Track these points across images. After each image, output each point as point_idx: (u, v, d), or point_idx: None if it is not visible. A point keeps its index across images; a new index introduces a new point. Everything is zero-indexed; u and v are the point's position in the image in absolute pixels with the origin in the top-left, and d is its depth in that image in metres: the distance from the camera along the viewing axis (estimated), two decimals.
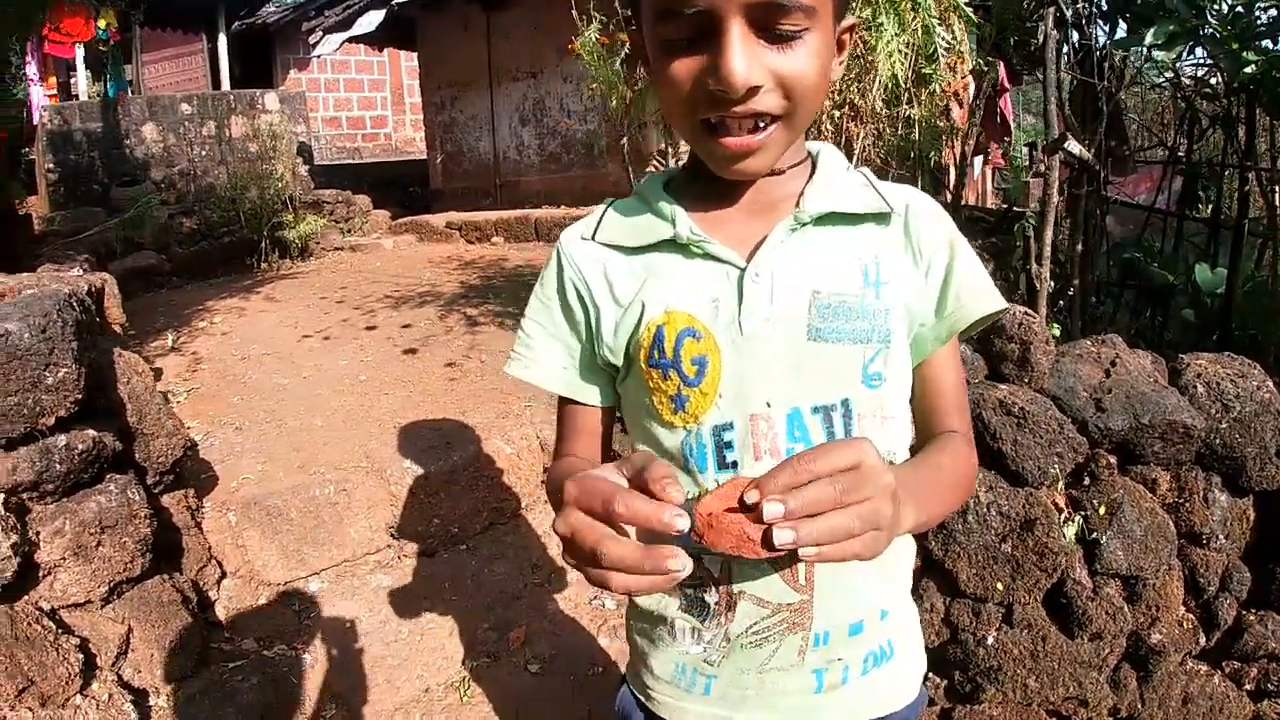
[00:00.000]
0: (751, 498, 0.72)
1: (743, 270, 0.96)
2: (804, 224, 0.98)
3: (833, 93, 2.83)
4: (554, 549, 2.95)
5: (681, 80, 0.87)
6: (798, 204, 0.98)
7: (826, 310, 0.95)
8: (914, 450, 1.06)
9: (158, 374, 3.87)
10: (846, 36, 0.97)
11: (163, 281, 6.84)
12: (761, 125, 0.89)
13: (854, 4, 2.75)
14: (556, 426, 1.13)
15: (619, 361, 1.03)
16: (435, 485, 2.94)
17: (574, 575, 2.86)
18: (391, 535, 2.87)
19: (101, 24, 10.57)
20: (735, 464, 0.96)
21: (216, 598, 2.59)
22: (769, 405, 0.95)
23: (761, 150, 0.91)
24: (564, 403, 1.11)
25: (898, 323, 0.98)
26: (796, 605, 0.98)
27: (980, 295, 1.03)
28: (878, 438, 0.93)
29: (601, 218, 1.06)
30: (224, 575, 2.66)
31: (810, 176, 1.01)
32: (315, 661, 2.47)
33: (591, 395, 1.08)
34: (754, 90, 0.85)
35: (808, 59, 0.87)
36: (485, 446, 3.11)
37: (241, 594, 2.64)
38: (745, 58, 0.83)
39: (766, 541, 0.70)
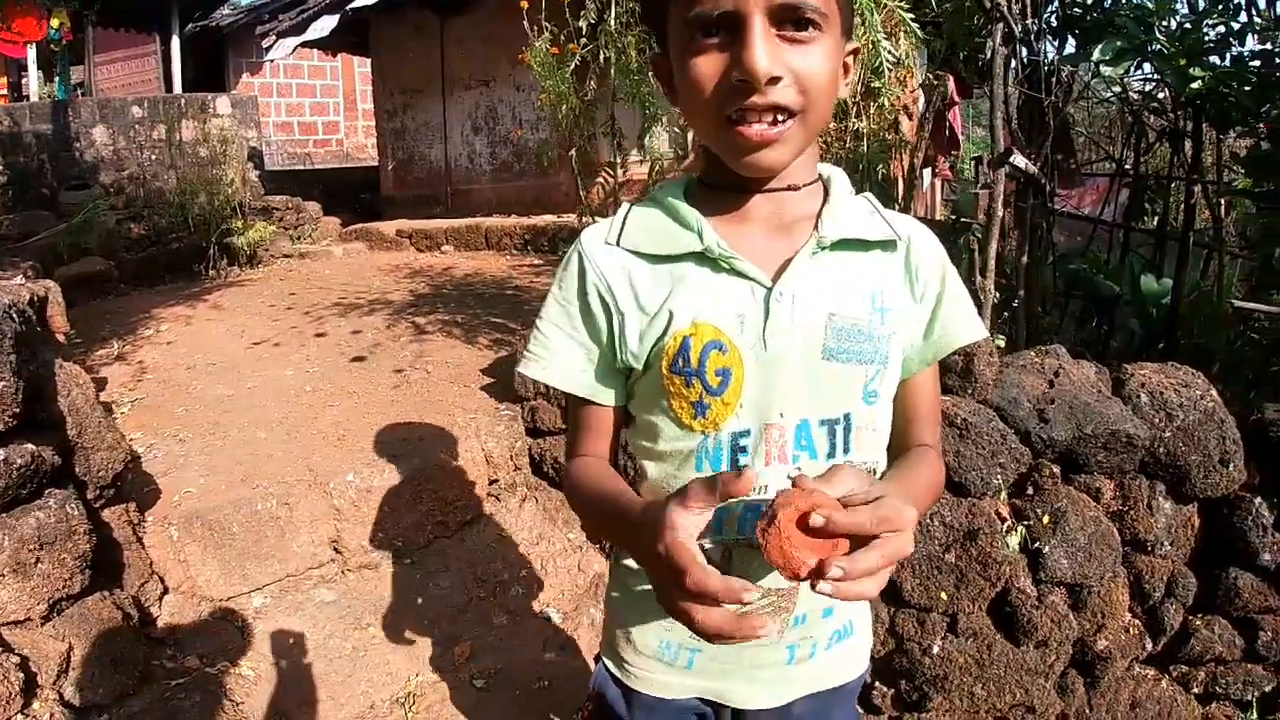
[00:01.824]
0: (817, 522, 0.79)
1: (769, 289, 1.03)
2: (824, 248, 1.05)
3: None
4: (499, 564, 2.93)
5: (707, 76, 0.95)
6: (816, 226, 1.05)
7: (840, 332, 1.03)
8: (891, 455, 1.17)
9: (102, 384, 3.80)
10: (850, 60, 1.06)
11: (110, 288, 6.71)
12: (780, 120, 0.95)
13: (857, 30, 2.79)
14: (569, 424, 1.18)
15: (640, 366, 1.08)
16: (379, 499, 2.90)
17: (519, 589, 2.85)
18: (335, 549, 2.83)
19: (54, 23, 10.35)
20: (745, 467, 1.04)
21: (159, 614, 2.55)
22: (782, 416, 1.04)
23: (780, 143, 0.97)
24: (579, 402, 1.14)
25: (895, 346, 1.08)
26: (786, 590, 1.05)
27: (964, 324, 1.14)
28: (868, 447, 1.09)
29: (624, 223, 1.11)
30: (166, 591, 2.61)
31: (825, 199, 1.08)
32: (259, 678, 2.43)
33: (608, 396, 1.13)
34: (774, 81, 0.92)
35: (821, 60, 0.95)
36: (430, 459, 3.08)
37: (184, 610, 2.59)
38: (767, 50, 0.91)
39: (808, 576, 0.79)
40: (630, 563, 1.16)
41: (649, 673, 1.17)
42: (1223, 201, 4.15)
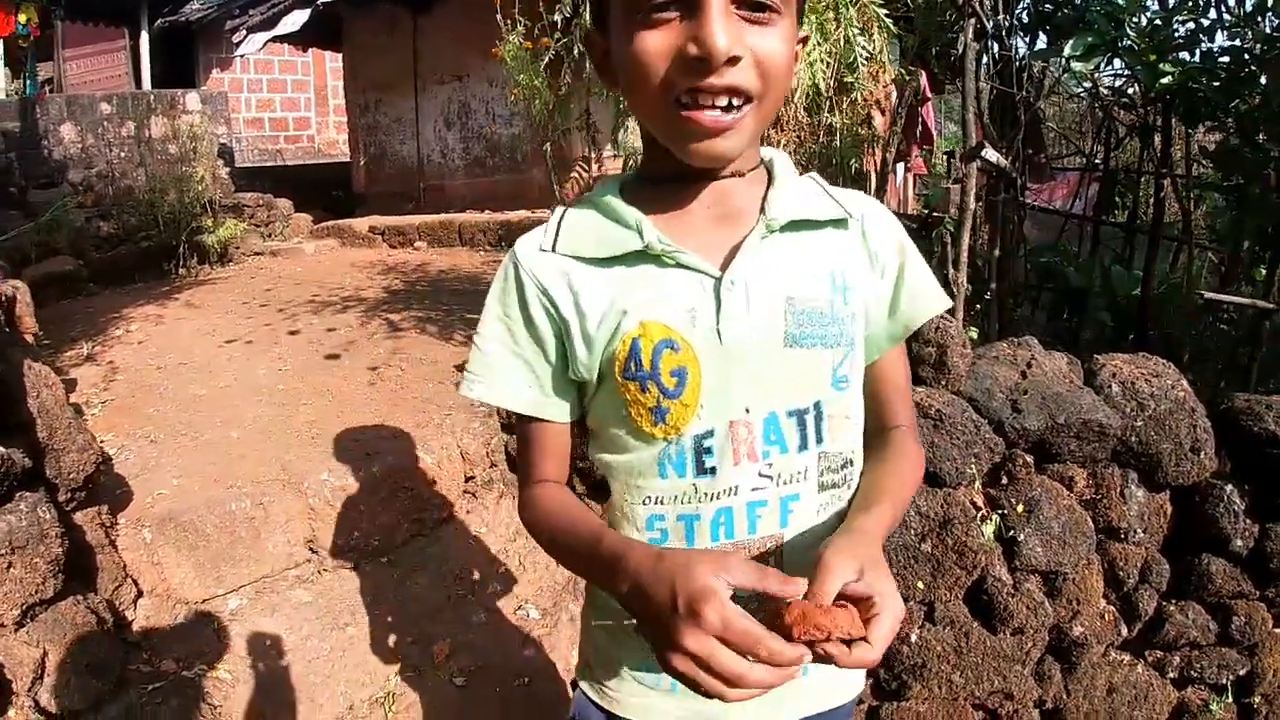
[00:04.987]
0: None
1: (718, 279, 0.97)
2: (774, 231, 0.99)
3: None
4: (476, 561, 2.92)
5: (656, 53, 0.87)
6: (762, 209, 1.00)
7: (802, 317, 0.97)
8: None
9: (73, 385, 3.75)
10: (799, 47, 0.98)
11: (79, 288, 6.61)
12: (735, 105, 0.88)
13: (829, 25, 2.79)
14: (520, 445, 1.11)
15: (593, 377, 1.02)
16: (354, 498, 2.88)
17: (497, 586, 2.84)
18: (311, 549, 2.81)
19: (22, 19, 10.18)
20: (714, 469, 0.99)
21: (134, 617, 2.51)
22: (748, 411, 0.98)
23: (734, 131, 0.90)
24: (528, 421, 1.08)
25: (859, 326, 1.03)
26: None
27: (929, 296, 1.11)
28: (842, 437, 1.04)
29: (559, 227, 1.04)
30: (140, 594, 2.58)
31: (769, 182, 1.02)
32: (237, 681, 2.40)
33: (558, 412, 1.07)
34: (734, 61, 0.85)
35: (780, 42, 0.88)
36: (405, 457, 3.06)
37: (159, 613, 2.56)
38: (726, 27, 0.83)
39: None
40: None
41: (632, 696, 1.11)
42: (1192, 195, 4.20)
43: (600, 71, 1.02)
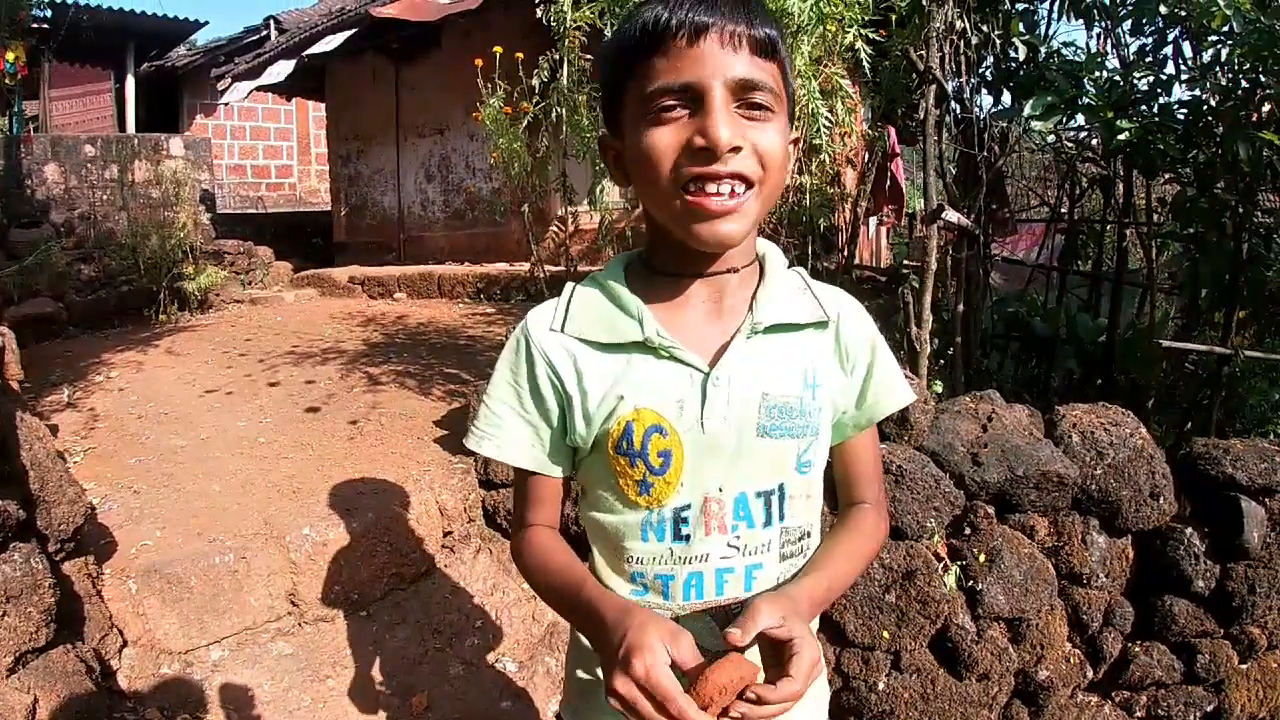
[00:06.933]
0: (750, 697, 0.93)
1: (706, 374, 1.07)
2: (758, 333, 1.10)
3: None
4: (455, 614, 2.94)
5: (666, 146, 0.98)
6: (750, 308, 1.10)
7: (774, 410, 1.08)
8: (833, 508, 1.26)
9: (54, 430, 3.75)
10: (791, 148, 1.08)
11: (59, 330, 6.58)
12: (738, 191, 0.99)
13: (796, 122, 2.89)
14: (518, 495, 1.23)
15: (587, 446, 1.13)
16: (334, 552, 2.90)
17: (475, 639, 2.86)
18: (292, 602, 2.82)
19: (10, 57, 10.18)
20: (688, 537, 1.10)
21: (119, 667, 2.52)
22: (721, 490, 1.09)
23: (737, 214, 1.00)
24: (528, 474, 1.19)
25: (826, 417, 1.14)
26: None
27: (894, 391, 1.21)
28: (802, 513, 1.15)
29: (568, 308, 1.14)
30: (125, 644, 2.59)
31: (760, 278, 1.13)
32: None
33: (555, 470, 1.18)
34: (736, 150, 0.97)
35: (775, 136, 1.00)
36: (384, 512, 3.08)
37: (143, 663, 2.58)
38: (728, 120, 0.96)
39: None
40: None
41: None
42: (1154, 243, 4.31)
43: (613, 172, 1.13)
